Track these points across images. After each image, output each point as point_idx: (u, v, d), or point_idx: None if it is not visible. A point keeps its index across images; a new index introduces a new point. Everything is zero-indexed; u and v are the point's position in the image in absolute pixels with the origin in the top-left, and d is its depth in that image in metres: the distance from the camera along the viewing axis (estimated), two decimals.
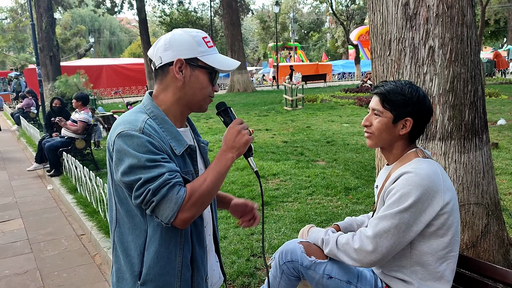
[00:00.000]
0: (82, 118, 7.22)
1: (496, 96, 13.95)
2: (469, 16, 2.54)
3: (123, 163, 1.35)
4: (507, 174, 5.46)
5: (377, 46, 2.75)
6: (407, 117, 1.77)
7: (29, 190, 6.68)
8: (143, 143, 1.35)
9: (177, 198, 1.34)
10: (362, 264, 1.75)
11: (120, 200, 1.46)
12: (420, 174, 1.67)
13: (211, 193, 1.42)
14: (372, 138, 1.85)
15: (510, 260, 2.78)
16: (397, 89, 1.78)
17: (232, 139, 1.46)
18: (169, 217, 1.35)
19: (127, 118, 1.43)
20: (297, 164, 6.60)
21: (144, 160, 1.34)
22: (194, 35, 1.48)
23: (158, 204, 1.34)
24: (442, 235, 1.71)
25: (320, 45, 55.02)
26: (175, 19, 33.14)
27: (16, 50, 47.28)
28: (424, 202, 1.65)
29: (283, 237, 3.82)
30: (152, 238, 1.44)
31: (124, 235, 1.48)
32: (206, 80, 1.50)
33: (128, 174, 1.35)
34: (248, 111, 14.22)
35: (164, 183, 1.33)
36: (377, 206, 1.86)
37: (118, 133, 1.38)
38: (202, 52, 1.47)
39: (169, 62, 1.46)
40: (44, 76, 16.89)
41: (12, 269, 3.91)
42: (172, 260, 1.47)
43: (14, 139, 12.40)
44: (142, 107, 1.50)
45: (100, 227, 4.49)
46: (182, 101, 1.51)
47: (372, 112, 1.84)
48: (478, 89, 2.62)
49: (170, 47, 1.46)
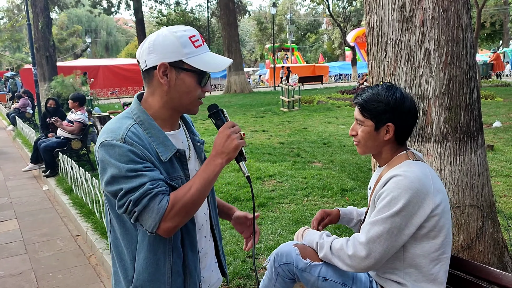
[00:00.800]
0: (78, 119, 7.20)
1: (492, 98, 13.99)
2: (465, 19, 2.55)
3: (106, 173, 1.35)
4: (502, 176, 5.49)
5: (374, 48, 2.76)
6: (388, 122, 1.78)
7: (24, 191, 6.65)
8: (124, 153, 1.34)
9: (159, 208, 1.33)
10: (356, 270, 1.76)
11: (111, 206, 1.46)
12: (410, 176, 1.67)
13: (196, 202, 1.39)
14: (360, 146, 1.87)
15: (505, 262, 2.79)
16: (373, 97, 1.78)
17: (221, 144, 1.42)
18: (151, 227, 1.34)
19: (111, 127, 1.41)
20: (293, 165, 6.60)
21: (125, 170, 1.32)
22: (179, 36, 1.41)
23: (140, 214, 1.33)
24: (434, 237, 1.71)
25: (317, 47, 55.09)
26: (172, 20, 33.14)
27: (12, 50, 47.12)
28: (414, 205, 1.66)
29: (279, 239, 3.82)
30: (141, 244, 1.43)
31: (118, 240, 1.48)
32: (194, 83, 1.44)
33: (111, 184, 1.35)
34: (245, 112, 14.23)
35: (145, 193, 1.32)
36: (369, 208, 1.87)
37: (100, 142, 1.37)
38: (187, 54, 1.41)
39: (153, 66, 1.42)
40: (40, 76, 16.83)
41: (7, 270, 3.89)
42: (161, 267, 1.45)
43: (9, 139, 12.35)
44: (129, 112, 1.48)
45: (95, 228, 4.48)
46: (169, 104, 1.47)
47: (356, 122, 1.87)
48: (473, 91, 2.63)
49: (153, 50, 1.41)
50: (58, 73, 16.38)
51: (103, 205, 4.28)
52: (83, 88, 14.99)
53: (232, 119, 12.46)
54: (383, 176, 1.80)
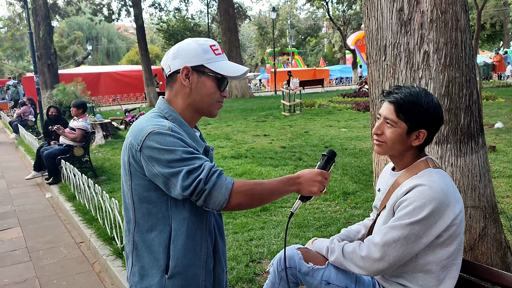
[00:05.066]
0: (80, 126, 7.23)
1: (493, 99, 13.98)
2: (463, 21, 2.57)
3: (161, 159, 1.40)
4: (505, 177, 5.48)
5: (373, 52, 2.78)
6: (422, 129, 1.72)
7: (27, 198, 6.67)
8: (176, 140, 1.42)
9: (227, 184, 1.41)
10: (369, 272, 1.73)
11: (140, 200, 1.50)
12: (434, 187, 1.64)
13: (261, 194, 1.47)
14: (383, 147, 1.78)
15: (508, 262, 2.79)
16: (413, 98, 1.70)
17: (307, 179, 1.53)
18: (222, 202, 1.40)
19: (150, 121, 1.48)
20: (295, 169, 6.61)
21: (181, 152, 1.40)
22: (201, 43, 1.54)
23: (210, 192, 1.39)
24: (448, 244, 1.70)
25: (318, 50, 55.20)
26: (172, 26, 33.23)
27: (14, 59, 47.32)
28: (436, 216, 1.63)
29: (282, 243, 3.83)
30: (178, 231, 1.49)
31: (144, 234, 1.52)
32: (214, 86, 1.55)
33: (169, 167, 1.39)
34: (246, 117, 14.24)
35: (211, 171, 1.40)
36: (382, 212, 1.83)
37: (149, 132, 1.42)
38: (208, 59, 1.53)
39: (177, 70, 1.54)
40: (42, 84, 16.93)
41: (11, 278, 3.90)
42: (198, 251, 1.53)
43: (12, 148, 12.39)
44: (158, 112, 1.56)
45: (99, 234, 4.49)
46: (191, 106, 1.57)
47: (384, 121, 1.76)
48: (473, 93, 2.64)
49: (178, 55, 1.54)
50: (59, 81, 16.48)
51: (106, 211, 4.30)
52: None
53: (234, 124, 12.53)
54: (403, 182, 1.76)
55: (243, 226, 4.33)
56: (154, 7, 30.25)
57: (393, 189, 1.81)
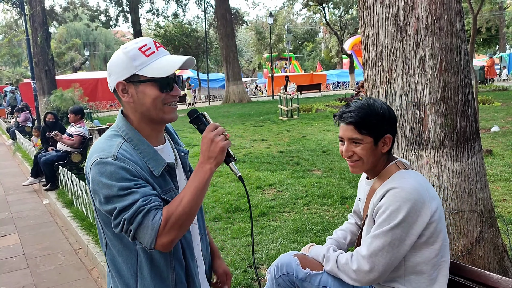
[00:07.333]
0: (78, 132, 7.23)
1: (490, 103, 14.04)
2: (458, 26, 2.59)
3: (99, 193, 1.36)
4: (502, 180, 5.49)
5: (369, 57, 2.80)
6: (386, 134, 1.78)
7: (25, 205, 6.65)
8: (115, 171, 1.34)
9: (153, 224, 1.32)
10: (362, 284, 1.77)
11: (105, 224, 1.46)
12: (406, 188, 1.68)
13: (189, 213, 1.37)
14: (359, 165, 1.82)
15: (506, 266, 2.80)
16: (366, 111, 1.75)
17: (207, 149, 1.40)
18: (149, 243, 1.34)
19: (101, 146, 1.42)
20: (293, 174, 6.61)
21: (117, 189, 1.33)
22: (128, 51, 1.43)
23: (136, 232, 1.34)
24: (432, 242, 1.73)
25: (315, 55, 55.30)
26: (169, 32, 33.30)
27: (11, 65, 47.28)
28: (413, 215, 1.67)
29: (280, 248, 3.83)
30: (144, 258, 1.45)
31: (115, 257, 1.49)
32: (155, 91, 1.44)
33: (105, 203, 1.36)
34: (243, 122, 14.26)
35: (138, 210, 1.32)
36: (366, 221, 1.86)
37: (93, 161, 1.38)
38: (138, 66, 1.42)
39: (115, 87, 1.47)
40: (40, 90, 16.91)
41: (8, 285, 3.88)
42: (166, 278, 1.48)
43: (9, 154, 12.36)
44: (116, 129, 1.49)
45: (96, 241, 4.47)
46: (144, 118, 1.48)
47: (350, 142, 1.80)
48: (468, 97, 2.66)
49: (111, 72, 1.47)
50: (57, 87, 16.47)
51: None
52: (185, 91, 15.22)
53: (232, 128, 12.52)
54: (377, 189, 1.80)
55: (241, 231, 4.33)
56: (152, 13, 30.37)
57: (370, 197, 1.85)
